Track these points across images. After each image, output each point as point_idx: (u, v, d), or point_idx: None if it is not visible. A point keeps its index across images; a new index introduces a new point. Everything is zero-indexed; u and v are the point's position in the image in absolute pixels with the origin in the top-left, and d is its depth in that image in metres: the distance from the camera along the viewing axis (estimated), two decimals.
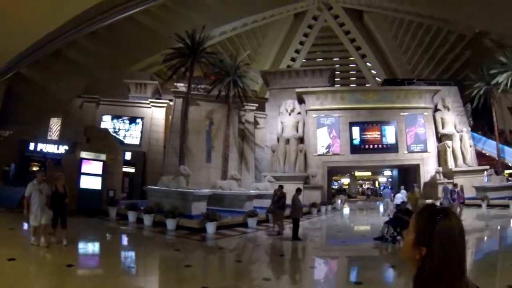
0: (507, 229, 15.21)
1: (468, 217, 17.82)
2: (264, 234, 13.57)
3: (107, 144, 18.14)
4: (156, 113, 28.68)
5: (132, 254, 9.88)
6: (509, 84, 30.02)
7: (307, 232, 14.29)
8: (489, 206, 21.01)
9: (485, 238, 13.22)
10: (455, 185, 13.89)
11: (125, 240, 12.07)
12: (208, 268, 8.18)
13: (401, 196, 23.53)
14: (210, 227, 12.27)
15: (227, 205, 17.73)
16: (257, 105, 31.21)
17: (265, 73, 36.26)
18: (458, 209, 13.00)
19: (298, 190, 13.18)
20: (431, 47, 60.92)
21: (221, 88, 26.09)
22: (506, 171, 33.03)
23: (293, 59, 72.61)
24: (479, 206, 21.33)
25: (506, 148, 34.21)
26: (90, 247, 10.20)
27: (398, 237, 10.35)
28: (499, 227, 15.29)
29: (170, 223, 12.76)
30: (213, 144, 26.38)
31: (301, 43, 73.48)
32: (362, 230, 16.93)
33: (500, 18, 39.17)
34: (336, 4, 67.23)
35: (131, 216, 14.33)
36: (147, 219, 13.60)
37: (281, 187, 14.58)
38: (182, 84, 25.95)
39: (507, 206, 20.02)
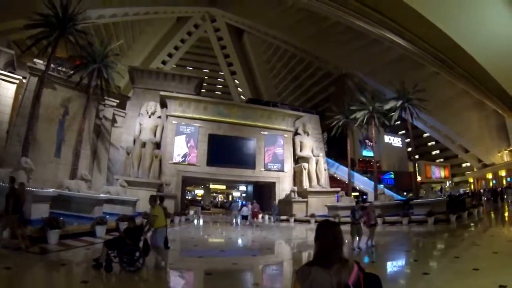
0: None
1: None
2: None
3: None
4: (4, 90, 22.45)
5: None
6: (364, 121, 35.12)
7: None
8: (340, 223, 23.00)
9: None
10: (363, 206, 14.44)
11: None
12: None
13: (246, 209, 25.65)
14: (53, 236, 10.35)
15: (74, 209, 15.46)
16: (118, 101, 28.61)
17: (133, 69, 33.91)
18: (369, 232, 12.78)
19: (162, 199, 12.26)
20: (299, 77, 67.17)
21: (83, 75, 23.02)
22: (353, 193, 38.30)
23: (164, 62, 70.94)
24: None
25: (355, 174, 40.03)
26: None
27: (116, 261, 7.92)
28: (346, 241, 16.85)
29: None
30: (64, 137, 22.59)
31: (176, 48, 72.38)
32: (217, 242, 16.57)
33: (363, 66, 45.94)
34: (221, 18, 68.42)
35: None
36: None
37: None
38: (41, 62, 21.82)
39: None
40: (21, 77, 22.97)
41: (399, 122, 54.56)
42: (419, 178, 51.05)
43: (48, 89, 21.62)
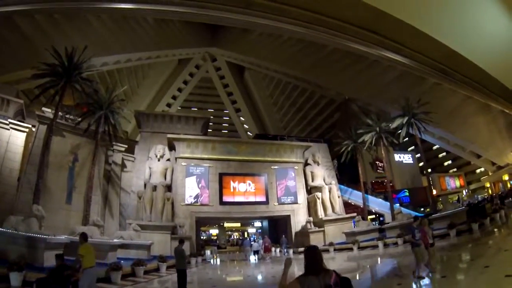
0: (376, 265, 16.32)
1: (342, 260, 19.37)
2: None
3: None
4: (14, 138, 22.47)
5: None
6: (373, 143, 35.18)
7: None
8: (360, 248, 22.48)
9: (358, 275, 13.77)
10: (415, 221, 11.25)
11: None
12: None
13: (257, 245, 27.08)
14: None
15: None
16: (126, 146, 28.85)
17: (138, 113, 34.29)
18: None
19: (181, 241, 12.11)
20: (303, 107, 67.46)
21: (91, 122, 23.46)
22: (369, 216, 37.75)
23: (169, 105, 72.08)
24: (351, 249, 22.80)
25: (369, 197, 39.32)
26: None
27: None
28: (368, 266, 16.38)
29: (15, 278, 10.09)
30: (75, 184, 22.65)
31: (180, 89, 73.74)
32: (236, 281, 16.06)
33: (366, 89, 46.23)
34: (221, 57, 69.97)
35: None
36: None
37: None
38: (49, 110, 22.26)
39: (376, 247, 21.78)
40: (30, 126, 23.27)
41: (407, 138, 53.92)
42: (434, 192, 49.77)
43: (57, 137, 22.00)
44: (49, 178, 20.85)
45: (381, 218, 41.09)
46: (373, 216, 42.60)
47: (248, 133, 77.97)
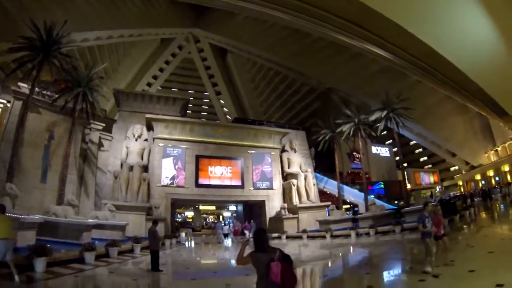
0: (348, 254, 16.75)
1: (315, 247, 19.68)
2: (105, 271, 11.85)
3: None
4: None
5: None
6: (351, 134, 35.76)
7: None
8: (333, 236, 22.93)
9: (330, 263, 14.17)
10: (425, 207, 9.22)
11: None
12: None
13: (227, 228, 27.93)
14: (40, 264, 9.98)
15: (61, 236, 14.99)
16: (104, 125, 28.21)
17: (118, 92, 33.70)
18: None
19: (155, 222, 12.39)
20: (284, 94, 67.61)
21: (68, 99, 22.75)
22: (344, 206, 38.71)
23: (149, 84, 71.05)
24: (324, 237, 23.13)
25: (345, 187, 40.08)
26: None
27: None
28: (340, 254, 16.80)
29: None
30: (50, 162, 22.10)
31: (161, 69, 72.66)
32: (210, 264, 16.23)
33: (347, 80, 46.58)
34: (204, 39, 68.96)
35: None
36: None
37: None
38: (25, 85, 21.49)
39: (348, 236, 22.20)
40: (5, 101, 22.67)
41: (385, 132, 55.13)
42: (409, 186, 51.38)
43: (33, 113, 21.20)
44: (24, 156, 20.25)
45: (355, 208, 42.09)
46: (348, 206, 43.55)
47: (227, 116, 77.84)
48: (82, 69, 24.96)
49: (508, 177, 44.40)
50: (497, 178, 47.02)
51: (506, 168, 45.73)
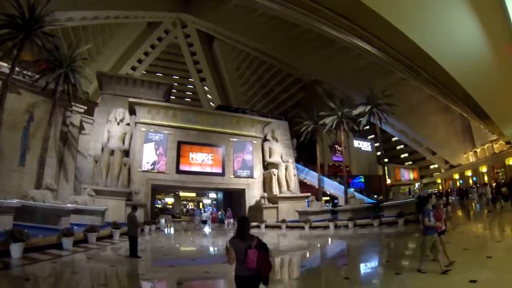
0: (326, 246, 16.94)
1: (293, 237, 19.91)
2: (83, 257, 11.74)
3: None
4: None
5: None
6: (333, 126, 35.97)
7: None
8: (312, 227, 23.18)
9: (308, 253, 14.57)
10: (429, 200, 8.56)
11: None
12: None
13: (206, 215, 29.01)
14: (16, 250, 9.80)
15: (39, 221, 14.69)
16: (85, 107, 27.61)
17: (101, 74, 32.83)
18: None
19: (134, 208, 12.33)
20: (268, 84, 67.62)
21: (49, 80, 22.05)
22: (324, 198, 39.13)
23: (133, 68, 69.81)
24: (303, 228, 23.37)
25: (325, 179, 40.47)
26: None
27: None
28: (319, 245, 17.03)
29: None
30: (29, 145, 21.38)
31: (146, 53, 71.53)
32: (188, 251, 16.26)
33: (333, 73, 46.78)
34: (192, 25, 68.00)
35: None
36: None
37: None
38: (5, 65, 20.65)
39: (327, 227, 22.45)
40: None
41: (368, 127, 55.78)
42: (388, 181, 52.48)
43: (13, 94, 20.29)
44: (2, 138, 19.33)
45: (335, 201, 42.65)
46: (327, 198, 44.12)
47: (211, 103, 77.38)
48: (65, 50, 24.06)
49: (485, 178, 45.78)
50: (474, 178, 48.46)
51: (483, 169, 47.19)
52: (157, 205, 44.84)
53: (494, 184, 32.80)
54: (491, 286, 6.09)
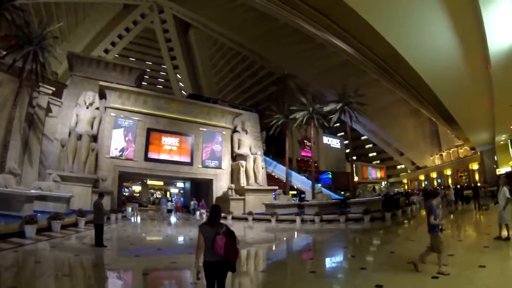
0: (293, 239, 17.15)
1: (260, 230, 20.04)
2: (47, 246, 11.44)
3: None
4: None
5: None
6: (304, 121, 36.51)
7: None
8: (278, 221, 23.42)
9: (275, 246, 14.78)
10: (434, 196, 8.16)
11: None
12: None
13: (171, 204, 29.59)
14: None
15: (1, 207, 14.19)
16: (54, 89, 26.29)
17: (72, 55, 31.50)
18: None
19: (101, 195, 12.12)
20: (241, 75, 67.58)
21: (17, 57, 21.03)
22: (291, 192, 39.63)
23: (106, 51, 67.80)
24: (269, 221, 23.61)
25: (293, 173, 40.97)
26: None
27: None
28: (285, 238, 17.22)
29: None
30: None
31: (120, 36, 69.61)
32: (154, 240, 16.11)
33: (307, 68, 47.13)
34: (169, 10, 66.62)
35: None
36: None
37: None
38: None
39: (293, 221, 22.73)
40: None
41: (338, 124, 56.70)
42: (356, 178, 53.83)
43: None
44: None
45: (302, 195, 43.33)
46: (295, 192, 44.76)
47: (183, 91, 76.58)
48: (36, 26, 23.13)
49: (450, 180, 47.85)
50: (439, 180, 50.63)
51: (448, 172, 49.40)
52: (124, 193, 44.06)
53: (454, 187, 34.25)
54: (451, 282, 6.37)
